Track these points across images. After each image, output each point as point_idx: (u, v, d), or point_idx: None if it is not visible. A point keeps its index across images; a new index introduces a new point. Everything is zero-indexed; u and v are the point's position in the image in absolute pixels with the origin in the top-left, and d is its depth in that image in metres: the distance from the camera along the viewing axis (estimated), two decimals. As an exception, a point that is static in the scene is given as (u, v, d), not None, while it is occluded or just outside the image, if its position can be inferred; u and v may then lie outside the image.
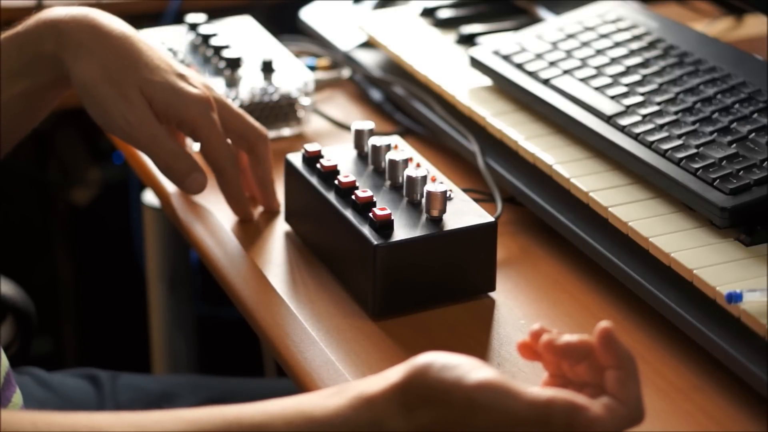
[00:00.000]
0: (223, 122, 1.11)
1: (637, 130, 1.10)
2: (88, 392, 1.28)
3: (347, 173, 1.06)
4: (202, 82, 1.12)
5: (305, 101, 1.29)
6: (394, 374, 0.80)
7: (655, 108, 1.12)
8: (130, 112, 1.08)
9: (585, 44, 1.24)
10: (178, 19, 1.52)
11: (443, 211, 1.01)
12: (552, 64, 1.22)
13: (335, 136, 1.30)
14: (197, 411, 0.80)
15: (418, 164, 1.08)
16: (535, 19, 1.37)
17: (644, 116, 1.12)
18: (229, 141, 1.12)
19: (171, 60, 1.12)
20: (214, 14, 1.41)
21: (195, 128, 1.10)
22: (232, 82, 1.27)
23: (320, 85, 1.37)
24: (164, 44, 1.33)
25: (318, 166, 1.07)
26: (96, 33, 1.09)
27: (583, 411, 0.78)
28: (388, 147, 1.08)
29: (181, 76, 1.10)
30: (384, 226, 0.99)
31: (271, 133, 1.29)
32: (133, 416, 0.79)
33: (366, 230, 1.00)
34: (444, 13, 1.41)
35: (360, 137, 1.10)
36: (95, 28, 1.10)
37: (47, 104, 1.14)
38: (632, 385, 0.80)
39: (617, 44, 1.23)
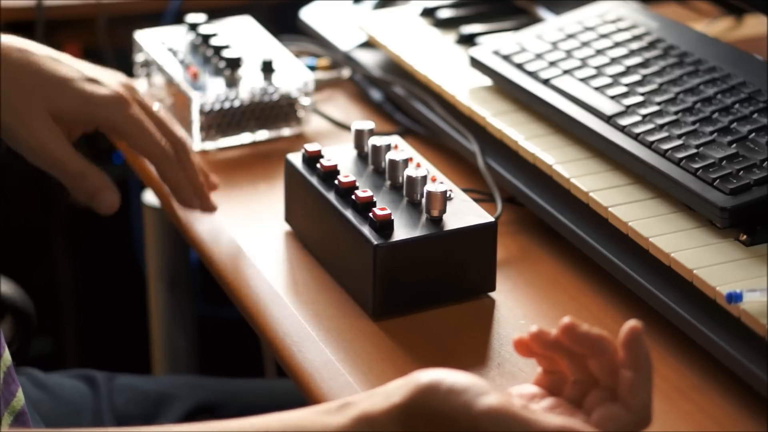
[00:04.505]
0: None
1: (637, 130, 1.10)
2: (84, 393, 1.28)
3: (347, 173, 1.05)
4: (120, 81, 1.11)
5: (305, 101, 1.29)
6: (396, 392, 0.79)
7: (655, 108, 1.12)
8: (30, 138, 1.08)
9: (585, 44, 1.24)
10: (178, 19, 1.52)
11: (443, 211, 1.01)
12: (552, 64, 1.22)
13: (335, 136, 1.30)
14: (193, 426, 0.80)
15: (418, 164, 1.08)
16: (535, 19, 1.37)
17: (644, 116, 1.12)
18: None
19: (80, 65, 1.10)
20: (214, 14, 1.40)
21: (113, 128, 1.10)
22: (232, 82, 1.27)
23: (320, 85, 1.37)
24: (164, 44, 1.33)
25: (318, 166, 1.07)
26: None
27: None
28: (388, 147, 1.07)
29: (92, 80, 1.09)
30: (384, 226, 0.99)
31: (271, 133, 1.29)
32: None
33: (366, 230, 1.00)
34: (444, 13, 1.40)
35: (360, 137, 1.10)
36: None
37: None
38: (644, 393, 0.79)
39: (617, 44, 1.23)
